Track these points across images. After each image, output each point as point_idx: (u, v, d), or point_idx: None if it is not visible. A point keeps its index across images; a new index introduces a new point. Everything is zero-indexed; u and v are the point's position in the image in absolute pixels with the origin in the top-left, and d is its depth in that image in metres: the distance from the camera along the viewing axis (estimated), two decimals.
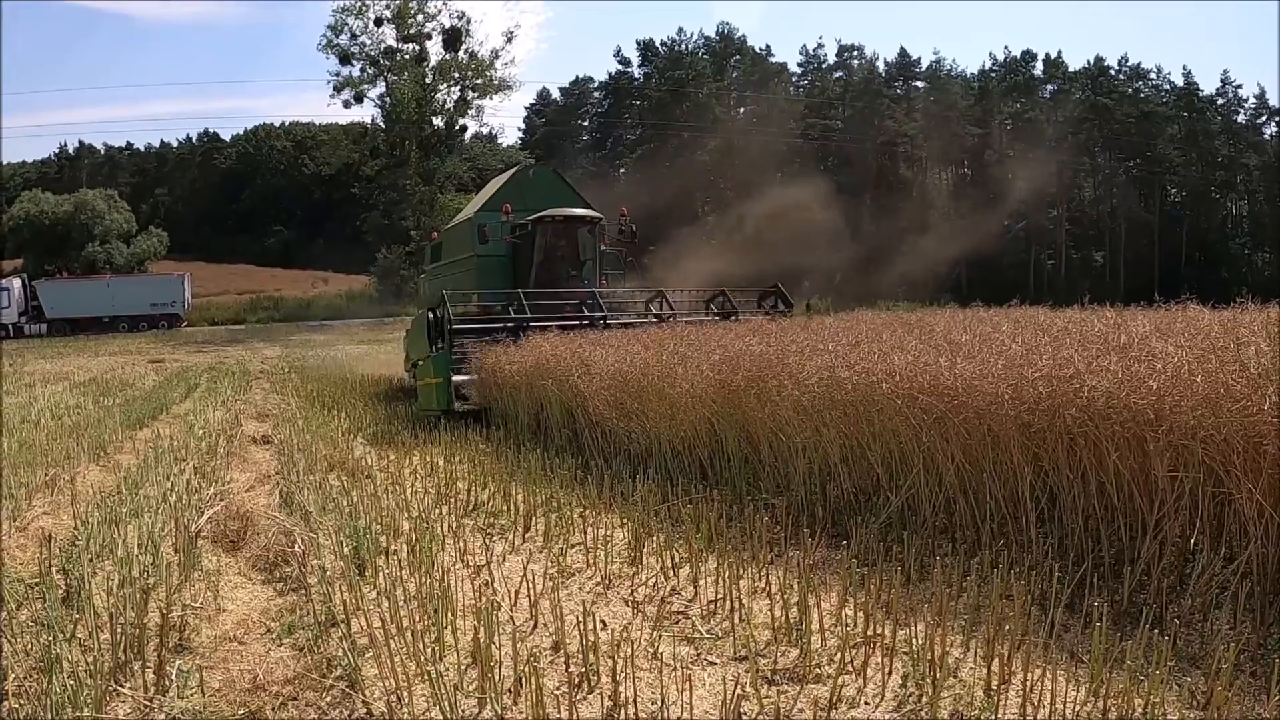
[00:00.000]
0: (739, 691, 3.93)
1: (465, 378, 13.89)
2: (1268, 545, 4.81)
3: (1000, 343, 7.41)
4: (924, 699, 4.03)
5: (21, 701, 4.24)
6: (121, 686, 4.49)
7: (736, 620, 5.07)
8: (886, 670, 4.30)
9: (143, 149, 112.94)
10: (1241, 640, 4.40)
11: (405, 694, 4.20)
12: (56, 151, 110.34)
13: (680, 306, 17.47)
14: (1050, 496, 5.92)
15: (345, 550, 6.48)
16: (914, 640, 4.50)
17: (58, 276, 66.35)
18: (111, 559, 6.38)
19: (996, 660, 4.17)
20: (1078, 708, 3.86)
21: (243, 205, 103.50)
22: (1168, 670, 4.01)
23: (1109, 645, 4.14)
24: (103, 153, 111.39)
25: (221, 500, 8.17)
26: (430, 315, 14.69)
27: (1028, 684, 3.93)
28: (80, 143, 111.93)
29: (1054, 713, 3.76)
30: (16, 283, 61.99)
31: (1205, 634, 4.63)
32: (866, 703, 4.08)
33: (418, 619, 5.08)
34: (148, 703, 4.36)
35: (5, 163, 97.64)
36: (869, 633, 4.55)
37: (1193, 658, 4.41)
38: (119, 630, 4.79)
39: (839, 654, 4.40)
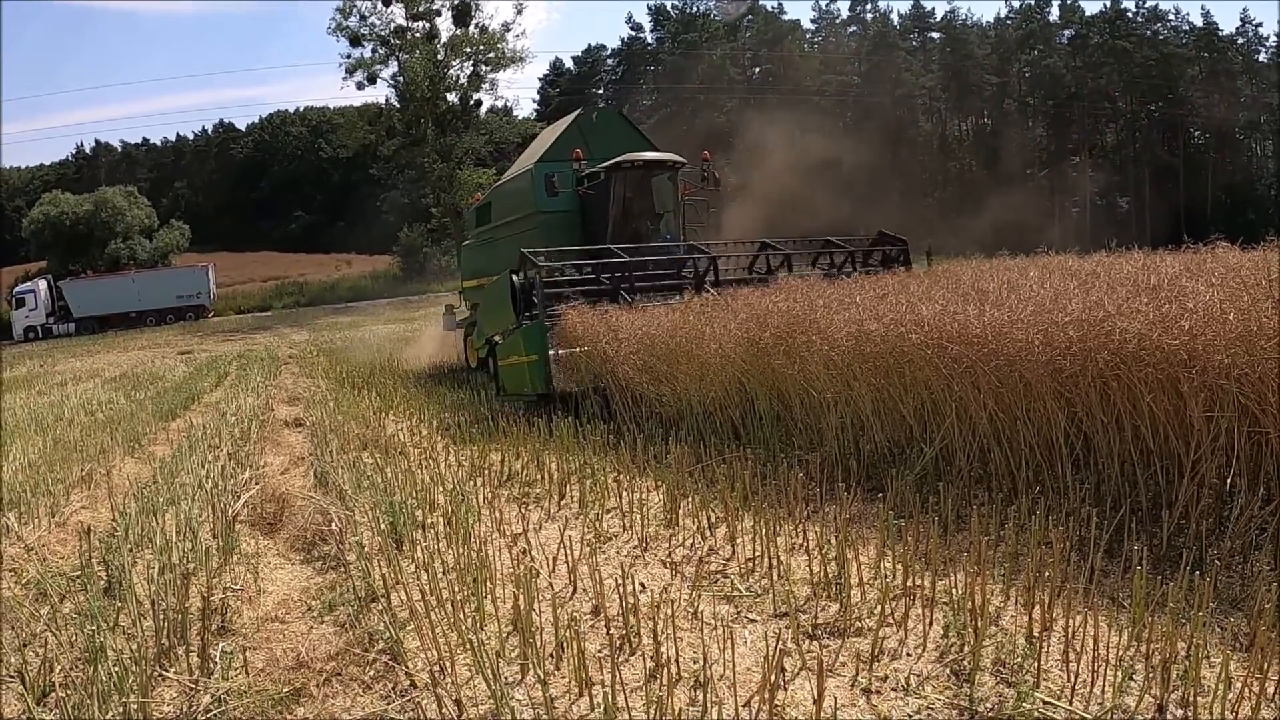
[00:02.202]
0: (780, 647, 3.92)
1: (559, 351, 11.47)
2: None
3: (1028, 289, 7.36)
4: (965, 648, 4.02)
5: (69, 691, 4.28)
6: (166, 671, 4.55)
7: (775, 577, 5.07)
8: (927, 621, 4.29)
9: (159, 144, 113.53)
10: None
11: (448, 664, 4.21)
12: (74, 152, 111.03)
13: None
14: (1085, 442, 5.88)
15: (382, 526, 6.51)
16: (953, 590, 4.49)
17: (82, 275, 66.74)
18: (151, 548, 6.43)
19: (1037, 607, 4.15)
20: (1120, 652, 3.84)
21: (262, 193, 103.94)
22: (1209, 613, 3.99)
23: (1149, 589, 4.11)
24: (119, 150, 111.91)
25: (257, 484, 8.23)
26: (514, 279, 12.14)
27: (1069, 630, 3.92)
28: (97, 141, 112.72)
29: (1096, 658, 3.74)
30: (42, 284, 62.55)
31: (1246, 576, 4.61)
32: (909, 654, 4.08)
33: (457, 590, 5.11)
34: (193, 685, 4.41)
35: (23, 167, 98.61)
36: (908, 584, 4.52)
37: (1234, 600, 4.39)
38: (161, 617, 4.83)
39: (879, 607, 4.39)
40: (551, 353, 11.27)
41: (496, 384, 12.94)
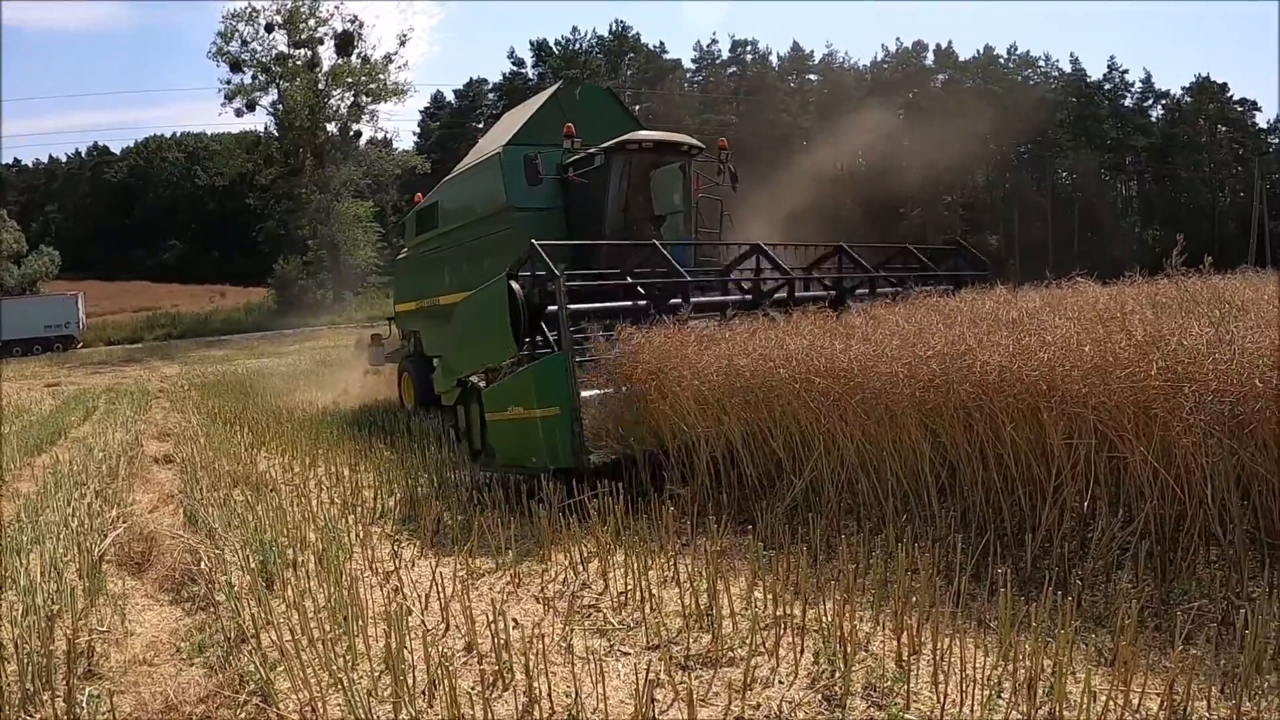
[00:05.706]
0: (652, 679, 3.95)
1: (593, 393, 8.01)
2: (1163, 505, 4.98)
3: (894, 324, 7.52)
4: (836, 674, 4.10)
5: None
6: (31, 717, 4.41)
7: (647, 610, 5.10)
8: (798, 649, 4.36)
9: (30, 165, 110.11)
10: (1144, 597, 4.55)
11: (319, 704, 4.16)
12: None
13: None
14: (950, 471, 6.05)
15: (252, 565, 6.39)
16: (824, 618, 4.56)
17: None
18: (14, 589, 6.22)
19: (906, 632, 4.26)
20: (988, 672, 3.96)
21: (136, 219, 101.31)
22: (1074, 631, 4.13)
23: (1015, 610, 4.25)
24: None
25: (125, 522, 8.03)
26: (514, 287, 8.19)
27: (938, 653, 4.03)
28: None
29: (965, 678, 3.84)
30: None
31: (1109, 594, 4.78)
32: (780, 682, 4.14)
33: (328, 629, 5.05)
34: None
35: None
36: (779, 614, 4.60)
37: (1098, 617, 4.56)
38: (25, 660, 4.70)
39: (750, 636, 4.45)
40: (590, 394, 7.94)
41: (472, 446, 8.96)
